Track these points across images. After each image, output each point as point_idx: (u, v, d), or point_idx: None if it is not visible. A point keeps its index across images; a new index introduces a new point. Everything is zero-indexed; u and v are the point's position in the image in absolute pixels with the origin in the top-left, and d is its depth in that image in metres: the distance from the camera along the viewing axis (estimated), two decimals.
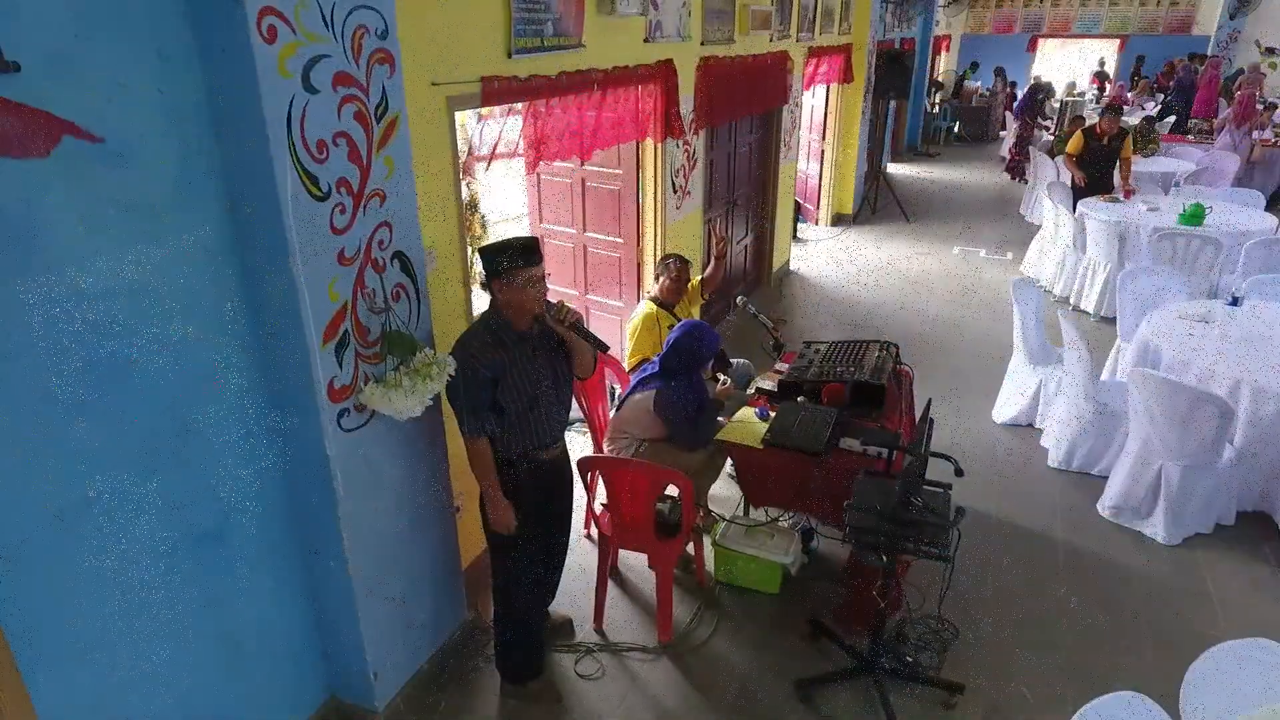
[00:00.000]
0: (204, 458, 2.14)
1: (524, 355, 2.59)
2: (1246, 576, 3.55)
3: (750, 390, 3.72)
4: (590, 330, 2.66)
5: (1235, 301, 4.45)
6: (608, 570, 3.22)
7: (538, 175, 5.17)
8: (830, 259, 8.33)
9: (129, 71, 1.80)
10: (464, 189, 8.27)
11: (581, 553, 3.60)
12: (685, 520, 3.05)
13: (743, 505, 3.80)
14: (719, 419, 3.49)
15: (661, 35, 4.34)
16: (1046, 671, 3.04)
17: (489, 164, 3.39)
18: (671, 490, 3.05)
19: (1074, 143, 7.60)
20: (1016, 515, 4.00)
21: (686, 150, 4.99)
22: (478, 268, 3.08)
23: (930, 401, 3.03)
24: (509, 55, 3.11)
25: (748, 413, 3.44)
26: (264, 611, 2.43)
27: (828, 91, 8.75)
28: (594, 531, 3.58)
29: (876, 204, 9.88)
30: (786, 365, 3.78)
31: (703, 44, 4.89)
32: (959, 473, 2.73)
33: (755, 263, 7.31)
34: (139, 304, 1.91)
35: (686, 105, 4.81)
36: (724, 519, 3.52)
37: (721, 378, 3.56)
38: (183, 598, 2.13)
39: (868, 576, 2.94)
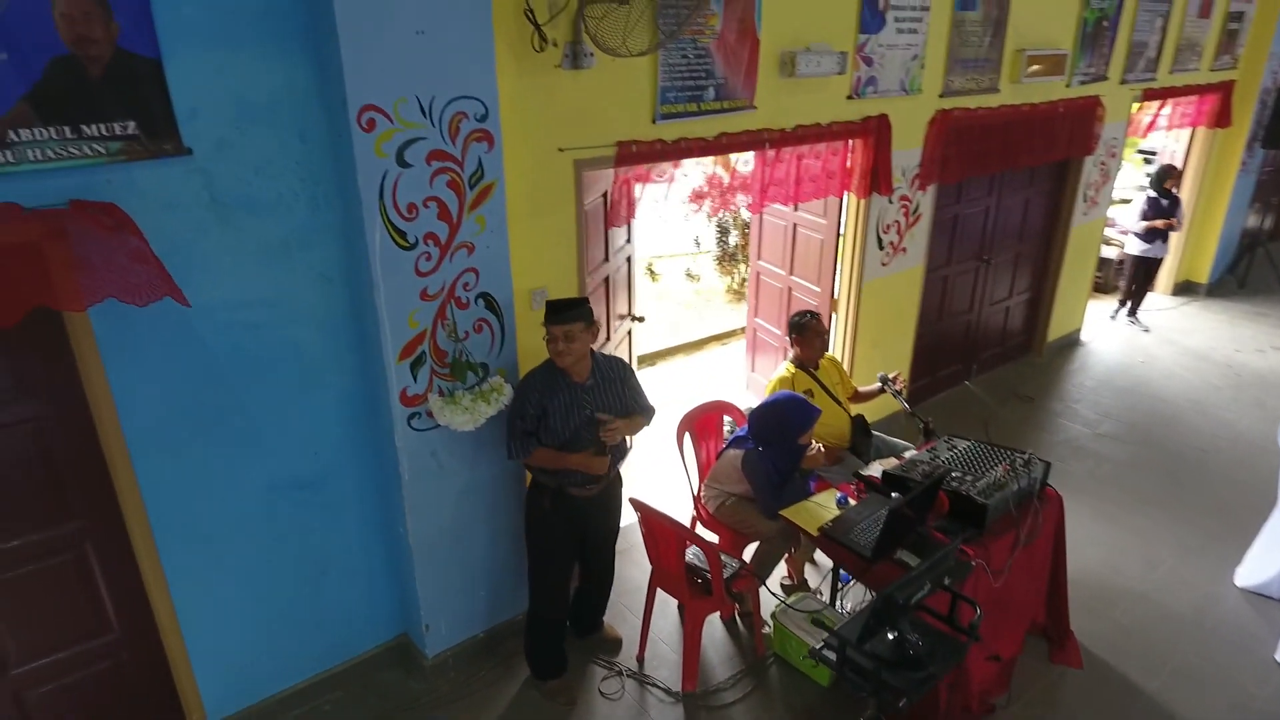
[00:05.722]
0: (308, 424, 2.87)
1: (573, 403, 2.90)
2: None
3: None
4: (616, 449, 3.00)
5: None
6: (653, 604, 3.42)
7: (760, 216, 5.34)
8: (1144, 336, 7.02)
9: (274, 150, 2.52)
10: (731, 228, 8.68)
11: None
12: (715, 584, 3.12)
13: (830, 590, 3.65)
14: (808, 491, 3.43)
15: (875, 90, 4.20)
16: None
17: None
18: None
19: None
20: (1188, 706, 3.23)
21: (905, 206, 4.73)
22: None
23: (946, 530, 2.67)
24: (654, 121, 3.39)
25: (831, 495, 3.33)
26: (347, 549, 3.14)
27: (1191, 137, 7.28)
28: None
29: (1248, 275, 7.95)
30: (912, 454, 3.52)
31: (943, 95, 4.57)
32: (972, 628, 2.42)
33: (1026, 328, 6.51)
34: (271, 311, 2.67)
35: (910, 160, 4.57)
36: (785, 603, 3.38)
37: (816, 445, 3.45)
38: (279, 522, 2.91)
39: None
